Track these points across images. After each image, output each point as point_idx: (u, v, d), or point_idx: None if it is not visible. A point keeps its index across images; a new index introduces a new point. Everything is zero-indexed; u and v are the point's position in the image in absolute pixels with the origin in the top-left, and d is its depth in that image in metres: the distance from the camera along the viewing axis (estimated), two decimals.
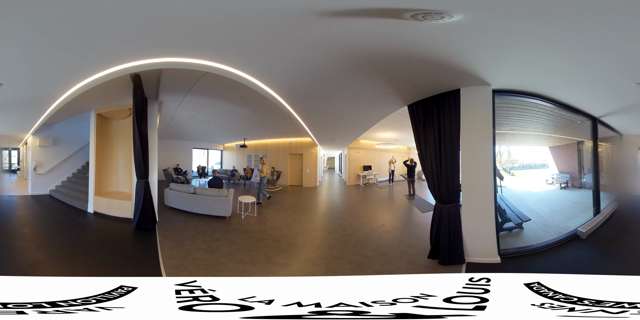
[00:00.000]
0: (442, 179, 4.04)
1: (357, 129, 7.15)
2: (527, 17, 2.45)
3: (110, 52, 3.40)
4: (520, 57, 3.27)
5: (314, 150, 8.30)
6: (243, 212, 5.94)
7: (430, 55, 3.23)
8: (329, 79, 4.03)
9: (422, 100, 4.40)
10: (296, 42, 3.10)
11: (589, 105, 4.58)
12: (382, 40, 2.99)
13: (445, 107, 4.09)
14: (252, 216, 6.02)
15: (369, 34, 2.83)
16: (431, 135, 4.18)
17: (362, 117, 6.19)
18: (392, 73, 3.83)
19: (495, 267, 3.57)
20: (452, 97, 4.06)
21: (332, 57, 3.37)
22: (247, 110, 6.27)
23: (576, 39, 2.78)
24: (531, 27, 2.62)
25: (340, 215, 6.39)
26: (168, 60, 3.67)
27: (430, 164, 4.19)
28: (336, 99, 4.96)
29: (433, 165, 4.12)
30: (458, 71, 3.65)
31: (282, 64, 3.75)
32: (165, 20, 2.73)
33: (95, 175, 4.83)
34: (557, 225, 4.25)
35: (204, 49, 3.50)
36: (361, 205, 7.32)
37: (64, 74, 3.77)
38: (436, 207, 4.17)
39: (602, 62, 3.23)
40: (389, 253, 4.61)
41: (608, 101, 4.35)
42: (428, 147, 4.24)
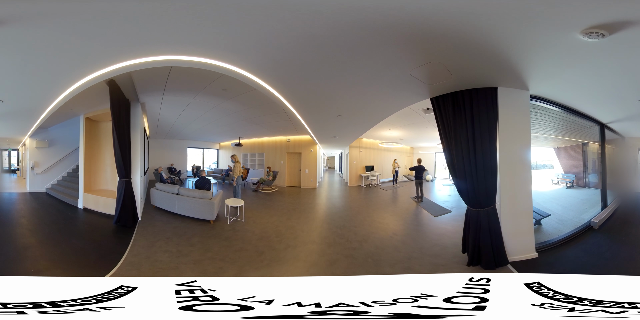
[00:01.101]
0: (479, 182, 3.80)
1: (364, 124, 6.36)
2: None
3: (87, 57, 3.34)
4: (569, 71, 3.37)
5: (313, 149, 7.84)
6: (230, 217, 5.48)
7: (485, 43, 2.81)
8: (335, 55, 3.17)
9: (450, 93, 3.96)
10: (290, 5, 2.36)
11: (599, 113, 4.92)
12: (430, 12, 2.38)
13: (481, 105, 3.80)
14: (240, 221, 5.48)
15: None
16: (463, 133, 3.85)
17: (373, 108, 5.18)
18: (433, 55, 3.16)
19: (534, 263, 3.80)
20: (489, 95, 3.81)
21: (345, 25, 2.59)
22: (233, 104, 5.72)
23: (603, 62, 3.08)
24: (589, 48, 2.71)
25: (343, 223, 5.69)
26: (141, 61, 3.42)
27: (462, 165, 3.88)
28: (343, 83, 4.00)
29: (466, 167, 3.84)
30: (504, 69, 3.37)
31: (266, 34, 2.78)
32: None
33: (85, 174, 5.10)
34: (571, 219, 4.67)
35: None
36: (365, 209, 6.65)
37: (56, 79, 3.79)
38: (471, 213, 3.89)
39: (615, 80, 3.52)
40: (415, 267, 3.96)
41: (616, 111, 4.72)
42: (460, 146, 3.88)
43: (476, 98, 3.84)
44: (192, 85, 4.94)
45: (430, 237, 4.99)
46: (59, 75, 3.69)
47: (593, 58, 3.01)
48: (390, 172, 8.12)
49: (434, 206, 6.50)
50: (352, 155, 8.03)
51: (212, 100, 5.60)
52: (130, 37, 2.97)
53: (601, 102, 4.38)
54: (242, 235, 4.92)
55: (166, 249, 4.31)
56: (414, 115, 5.90)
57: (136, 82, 4.58)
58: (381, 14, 2.43)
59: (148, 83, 4.70)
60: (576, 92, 4.05)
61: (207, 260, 4.14)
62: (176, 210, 5.51)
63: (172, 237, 4.67)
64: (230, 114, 6.41)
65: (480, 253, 3.82)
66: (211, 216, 5.31)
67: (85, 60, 3.41)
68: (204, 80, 4.64)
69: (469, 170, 3.80)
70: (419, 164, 7.08)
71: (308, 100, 4.79)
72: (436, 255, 4.32)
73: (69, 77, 3.75)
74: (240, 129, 7.61)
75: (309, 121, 6.04)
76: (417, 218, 6.22)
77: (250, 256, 4.31)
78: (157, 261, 3.99)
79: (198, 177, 7.45)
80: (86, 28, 2.74)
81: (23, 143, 5.45)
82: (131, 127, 4.65)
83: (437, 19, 2.49)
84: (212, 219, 5.32)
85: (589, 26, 2.44)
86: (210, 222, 5.32)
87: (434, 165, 8.08)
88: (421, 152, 8.21)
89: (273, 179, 7.71)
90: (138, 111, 4.87)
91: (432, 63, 3.32)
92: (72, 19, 2.59)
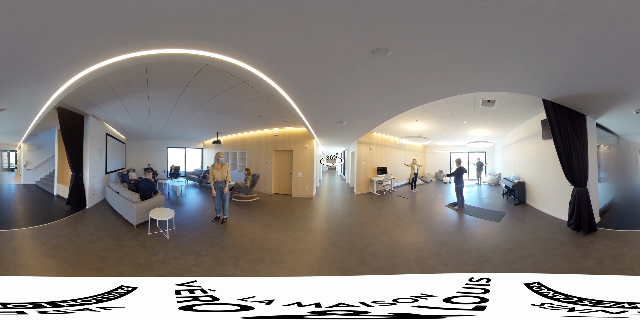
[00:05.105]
0: (582, 176, 4.85)
1: (394, 105, 4.45)
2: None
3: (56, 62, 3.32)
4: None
5: (309, 145, 5.99)
6: (150, 228, 4.86)
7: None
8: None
9: (565, 107, 4.68)
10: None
11: (616, 128, 5.92)
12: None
13: (582, 125, 4.82)
14: (162, 236, 4.71)
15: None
16: (578, 142, 4.77)
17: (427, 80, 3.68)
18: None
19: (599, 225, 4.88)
20: (581, 117, 4.80)
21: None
22: (198, 94, 4.95)
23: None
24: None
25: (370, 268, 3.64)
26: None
27: (577, 167, 4.81)
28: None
29: (577, 167, 4.80)
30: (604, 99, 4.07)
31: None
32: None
33: (58, 170, 6.51)
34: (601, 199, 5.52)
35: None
36: (399, 235, 4.41)
37: (50, 82, 3.88)
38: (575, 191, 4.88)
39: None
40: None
41: (628, 127, 5.81)
42: (575, 151, 4.76)
43: (575, 117, 4.79)
44: (140, 87, 4.88)
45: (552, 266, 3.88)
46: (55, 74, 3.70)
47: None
48: (405, 174, 6.68)
49: (484, 211, 5.36)
50: (361, 153, 6.25)
51: (165, 93, 5.14)
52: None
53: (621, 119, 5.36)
54: (134, 255, 4.16)
55: (61, 235, 4.68)
56: (458, 105, 5.13)
57: (88, 96, 5.14)
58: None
59: (97, 94, 5.09)
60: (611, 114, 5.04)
61: (55, 252, 4.18)
62: (115, 207, 5.84)
63: (84, 228, 4.96)
64: (199, 108, 5.67)
65: (581, 219, 4.75)
66: (133, 220, 5.14)
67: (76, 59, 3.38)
68: (134, 72, 4.40)
69: (579, 170, 4.84)
70: (459, 165, 6.05)
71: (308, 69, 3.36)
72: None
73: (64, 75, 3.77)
74: (216, 124, 6.45)
75: (303, 100, 4.23)
76: (494, 234, 4.75)
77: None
78: (35, 244, 4.41)
79: (177, 177, 7.31)
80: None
81: (19, 146, 6.89)
82: (84, 135, 5.83)
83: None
84: (134, 223, 5.10)
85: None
86: (134, 226, 5.07)
87: (449, 165, 7.31)
88: (437, 151, 7.30)
89: (252, 184, 6.09)
90: (89, 123, 5.91)
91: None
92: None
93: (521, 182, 6.36)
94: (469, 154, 7.33)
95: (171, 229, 4.92)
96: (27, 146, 6.78)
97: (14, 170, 6.94)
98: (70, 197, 5.75)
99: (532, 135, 6.02)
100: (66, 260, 3.91)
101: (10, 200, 6.27)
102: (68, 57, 3.20)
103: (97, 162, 6.27)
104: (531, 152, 6.18)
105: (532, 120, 5.99)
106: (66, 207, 5.68)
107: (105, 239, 4.58)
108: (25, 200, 6.24)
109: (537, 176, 6.10)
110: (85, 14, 2.39)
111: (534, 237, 4.66)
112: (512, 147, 6.90)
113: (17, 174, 6.91)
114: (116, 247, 4.34)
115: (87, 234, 4.72)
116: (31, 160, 6.82)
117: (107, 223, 5.22)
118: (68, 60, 3.28)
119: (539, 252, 4.15)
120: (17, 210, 5.75)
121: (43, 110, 4.93)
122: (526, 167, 6.44)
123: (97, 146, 6.23)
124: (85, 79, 3.83)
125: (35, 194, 6.49)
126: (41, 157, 6.87)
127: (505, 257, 4.07)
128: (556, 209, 5.46)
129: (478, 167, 7.42)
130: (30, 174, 6.83)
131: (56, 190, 6.40)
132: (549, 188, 5.74)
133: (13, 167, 6.94)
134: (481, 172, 7.43)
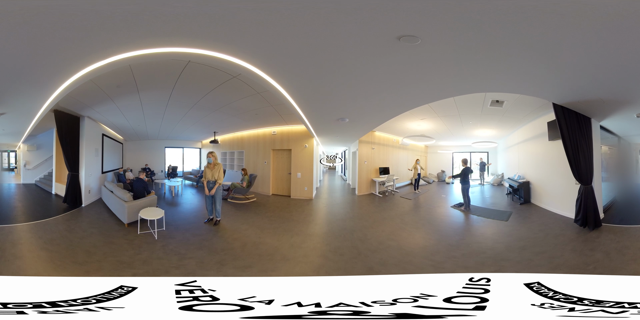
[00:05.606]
0: (588, 174, 5.03)
1: (404, 100, 4.10)
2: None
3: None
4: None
5: (309, 144, 5.81)
6: (139, 228, 4.85)
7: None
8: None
9: (572, 110, 4.84)
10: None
11: (617, 129, 6.12)
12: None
13: (588, 127, 5.03)
14: (151, 236, 4.67)
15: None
16: (584, 143, 4.96)
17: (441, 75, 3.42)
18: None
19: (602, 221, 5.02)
20: (588, 120, 4.96)
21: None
22: (191, 93, 4.86)
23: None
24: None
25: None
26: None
27: (583, 166, 5.00)
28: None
29: (584, 166, 4.99)
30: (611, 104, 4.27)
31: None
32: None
33: (56, 170, 6.62)
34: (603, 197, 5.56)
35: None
36: (406, 239, 4.17)
37: (46, 83, 3.90)
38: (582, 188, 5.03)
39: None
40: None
41: (629, 129, 6.01)
42: (582, 152, 4.94)
43: (582, 120, 4.99)
44: (130, 88, 4.90)
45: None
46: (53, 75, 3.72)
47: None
48: (408, 175, 6.55)
49: (490, 211, 5.34)
50: (362, 153, 6.08)
51: (157, 94, 5.12)
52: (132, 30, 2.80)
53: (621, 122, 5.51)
54: (119, 253, 4.10)
55: (52, 230, 4.83)
56: (466, 104, 5.06)
57: (82, 99, 5.22)
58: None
59: (90, 97, 5.17)
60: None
61: (49, 246, 4.33)
62: (109, 206, 5.95)
63: (75, 227, 5.03)
64: (192, 106, 5.54)
65: (587, 215, 4.91)
66: (124, 219, 5.16)
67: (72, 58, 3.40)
68: (145, 77, 4.48)
69: (585, 168, 5.02)
70: (466, 166, 5.98)
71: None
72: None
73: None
74: (212, 123, 6.33)
75: (301, 95, 3.92)
76: (511, 234, 4.64)
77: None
78: (21, 238, 4.59)
79: (174, 177, 7.35)
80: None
81: (18, 146, 7.00)
82: (80, 136, 6.01)
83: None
84: (125, 222, 5.12)
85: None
86: (125, 225, 5.08)
87: (451, 166, 7.26)
88: (440, 151, 7.23)
89: (248, 185, 5.86)
90: (84, 124, 6.06)
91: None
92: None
93: (526, 181, 6.40)
94: (471, 154, 7.27)
95: (161, 229, 4.85)
96: (27, 146, 6.91)
97: (14, 170, 7.05)
98: (66, 195, 5.92)
99: (538, 136, 6.06)
100: (57, 253, 4.09)
101: (10, 198, 6.49)
102: (57, 63, 3.27)
103: (93, 162, 6.43)
104: (537, 153, 6.23)
105: (537, 122, 6.03)
106: (63, 205, 5.85)
107: (95, 236, 4.70)
108: (25, 198, 6.45)
109: (542, 176, 6.15)
110: (64, 21, 2.41)
111: (544, 234, 4.82)
112: (516, 147, 6.89)
113: (17, 174, 7.01)
114: (104, 244, 4.44)
115: (79, 230, 4.90)
116: (30, 160, 6.95)
117: (100, 221, 5.35)
118: (58, 65, 3.34)
119: (552, 247, 4.35)
120: (17, 207, 5.99)
121: (40, 113, 5.04)
122: (531, 167, 6.49)
123: (93, 146, 6.41)
124: (76, 84, 3.91)
125: (34, 192, 6.67)
126: (40, 157, 6.98)
127: (521, 254, 4.09)
128: (562, 207, 5.55)
129: (481, 167, 7.44)
130: (29, 173, 6.94)
131: (54, 189, 6.56)
132: (554, 187, 5.80)
133: (13, 167, 7.05)
134: (484, 172, 7.44)
